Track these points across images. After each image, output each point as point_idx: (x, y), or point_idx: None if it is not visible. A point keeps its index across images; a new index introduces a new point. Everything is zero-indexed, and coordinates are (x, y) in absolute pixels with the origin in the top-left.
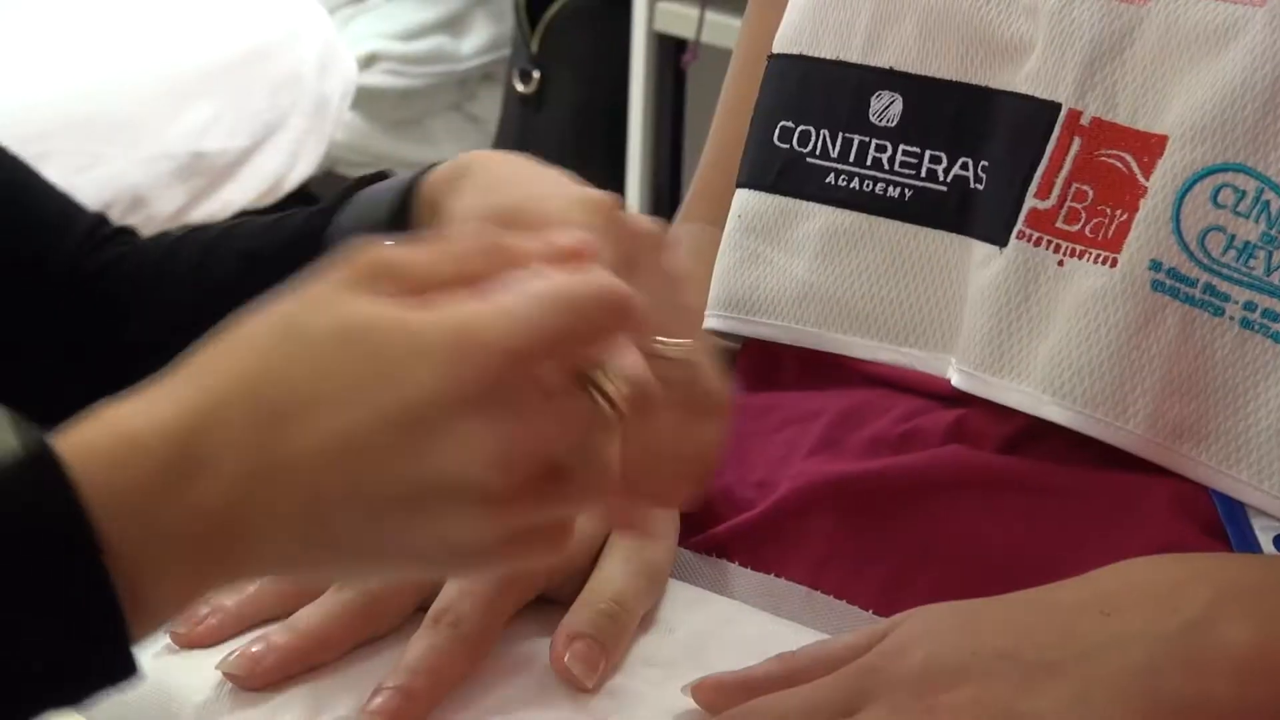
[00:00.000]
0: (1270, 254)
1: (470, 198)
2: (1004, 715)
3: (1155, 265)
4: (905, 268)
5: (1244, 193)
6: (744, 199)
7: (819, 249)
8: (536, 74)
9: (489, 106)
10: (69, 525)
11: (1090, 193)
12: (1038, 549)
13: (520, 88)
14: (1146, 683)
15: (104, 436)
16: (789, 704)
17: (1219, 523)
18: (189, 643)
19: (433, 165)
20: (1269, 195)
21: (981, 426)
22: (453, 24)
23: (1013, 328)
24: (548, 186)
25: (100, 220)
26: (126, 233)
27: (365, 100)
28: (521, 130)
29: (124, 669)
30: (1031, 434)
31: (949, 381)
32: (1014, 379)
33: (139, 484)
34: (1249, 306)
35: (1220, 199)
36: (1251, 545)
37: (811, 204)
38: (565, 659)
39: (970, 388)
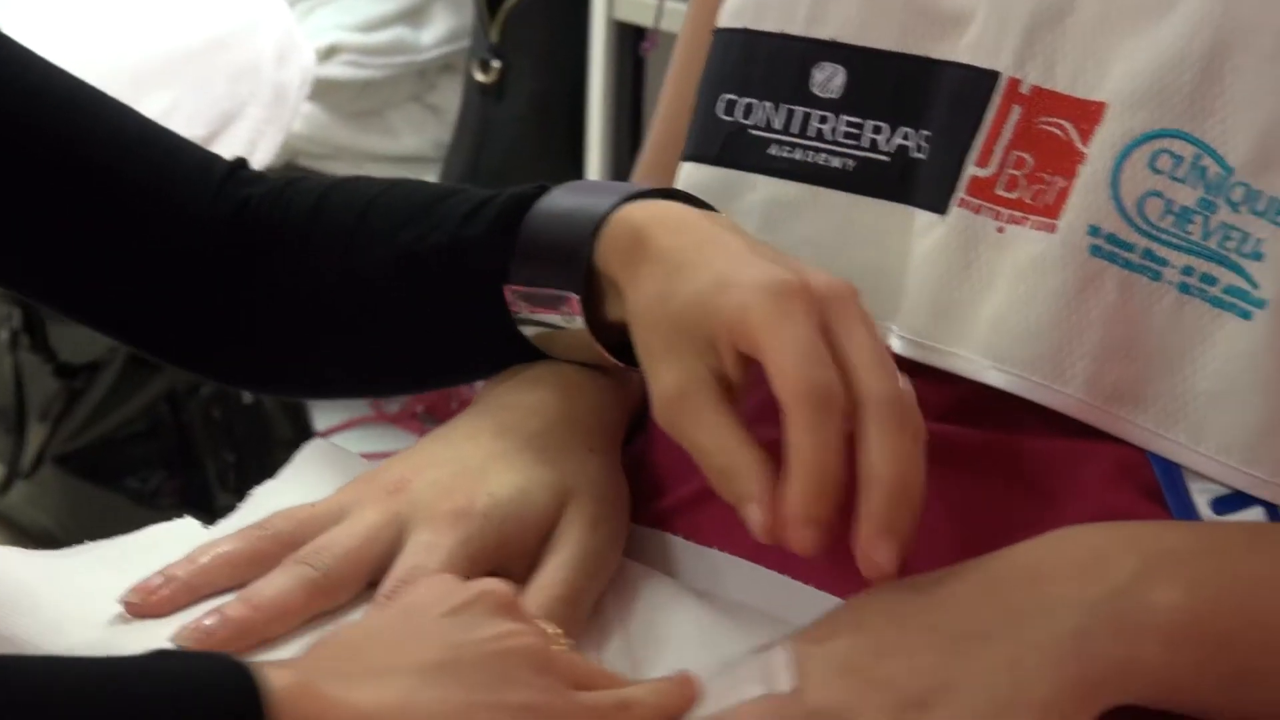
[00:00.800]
0: (1207, 219)
1: (648, 286)
2: (933, 685)
3: (1094, 230)
4: (848, 237)
5: (1181, 158)
6: (689, 172)
7: (763, 220)
8: (496, 64)
9: (449, 97)
10: None
11: (1030, 160)
12: (981, 516)
13: (480, 77)
14: (1076, 648)
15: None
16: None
17: (1159, 487)
18: (142, 612)
19: (606, 213)
20: (1206, 161)
21: (923, 394)
22: (413, 15)
23: (954, 294)
24: (727, 267)
25: (235, 167)
26: (262, 178)
27: (325, 91)
28: (481, 120)
29: None
30: (973, 400)
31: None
32: (955, 345)
33: None
34: (1187, 271)
35: (1158, 165)
36: (1189, 509)
37: (755, 175)
38: None
39: (912, 354)
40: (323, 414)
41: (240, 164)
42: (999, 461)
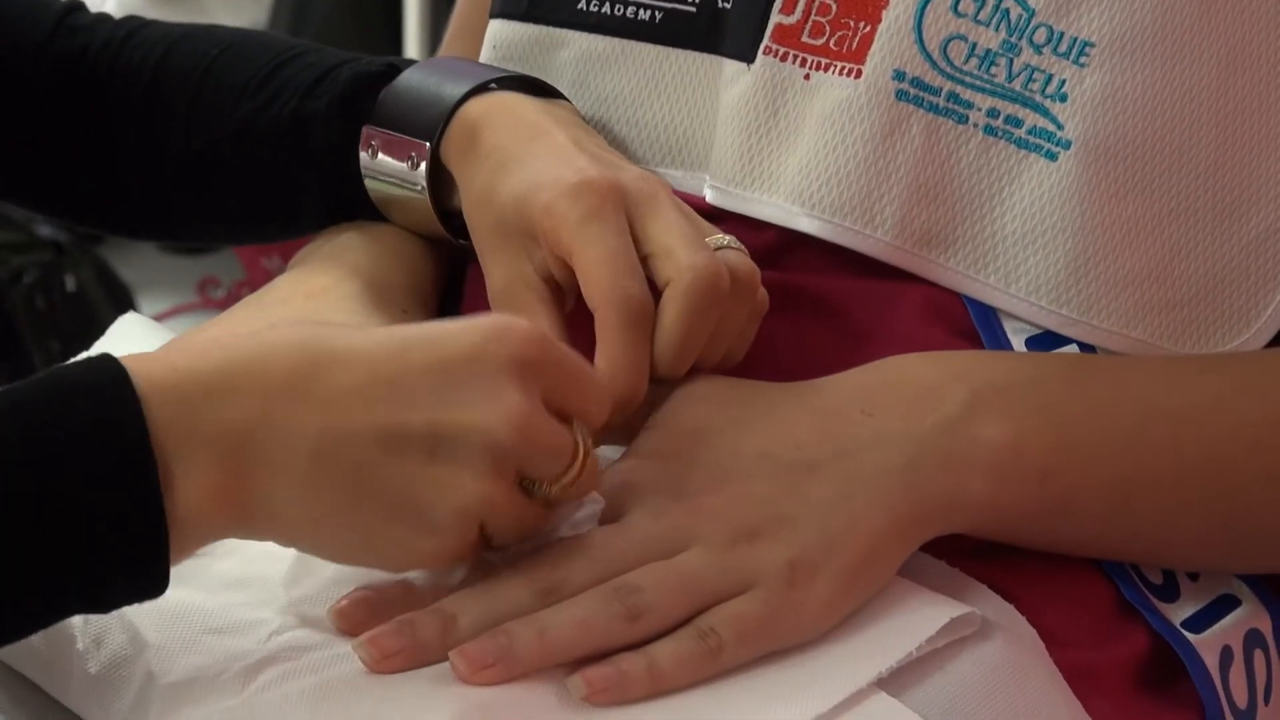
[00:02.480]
0: (1011, 61)
1: (478, 181)
2: (766, 515)
3: (899, 75)
4: (659, 90)
5: (984, 1)
6: (497, 30)
7: (574, 76)
8: None
9: None
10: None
11: (834, 6)
12: (796, 358)
13: None
14: (905, 481)
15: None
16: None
17: (972, 327)
18: None
19: (461, 100)
20: (1008, 3)
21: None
22: None
23: (762, 142)
24: (543, 166)
25: (70, 9)
26: (100, 22)
27: None
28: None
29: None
30: (785, 246)
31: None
32: (765, 192)
33: (181, 393)
34: (992, 113)
35: (961, 8)
36: (1004, 348)
37: (564, 31)
38: None
39: (724, 203)
40: (149, 301)
41: (76, 4)
42: (812, 305)
